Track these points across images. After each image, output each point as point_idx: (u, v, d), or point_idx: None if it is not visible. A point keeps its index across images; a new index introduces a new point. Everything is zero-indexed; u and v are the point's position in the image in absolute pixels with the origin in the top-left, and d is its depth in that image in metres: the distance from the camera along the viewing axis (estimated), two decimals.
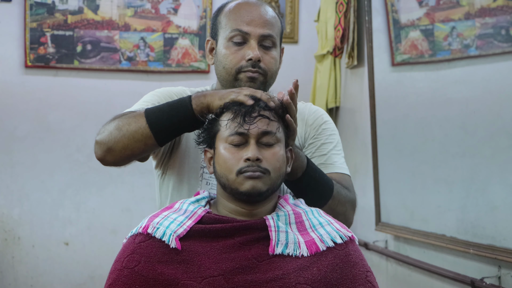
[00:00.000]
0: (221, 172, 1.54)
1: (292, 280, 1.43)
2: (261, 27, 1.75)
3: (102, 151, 1.65)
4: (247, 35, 1.75)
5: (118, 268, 1.48)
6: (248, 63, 1.74)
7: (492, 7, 2.36)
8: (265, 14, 1.78)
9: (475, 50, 2.47)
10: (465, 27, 2.52)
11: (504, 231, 2.30)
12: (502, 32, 2.31)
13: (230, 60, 1.76)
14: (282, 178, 1.56)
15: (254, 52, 1.73)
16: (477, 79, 2.48)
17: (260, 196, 1.52)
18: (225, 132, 1.54)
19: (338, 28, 3.65)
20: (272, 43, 1.77)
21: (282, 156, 1.55)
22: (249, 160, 1.50)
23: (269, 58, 1.76)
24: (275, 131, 1.54)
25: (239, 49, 1.75)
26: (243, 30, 1.75)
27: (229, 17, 1.79)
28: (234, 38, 1.76)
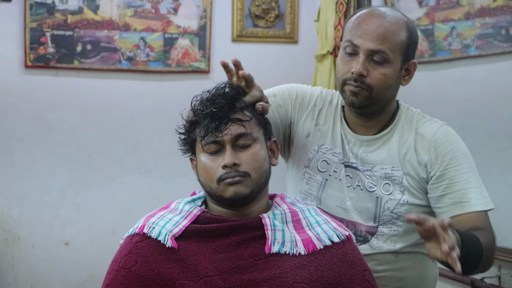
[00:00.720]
0: (203, 181, 1.54)
1: (289, 279, 1.42)
2: (371, 41, 1.70)
3: None
4: (356, 48, 1.72)
5: (115, 268, 1.48)
6: (352, 76, 1.72)
7: (492, 7, 2.36)
8: (381, 27, 1.71)
9: (475, 50, 2.47)
10: (465, 27, 2.52)
11: (504, 231, 2.30)
12: (502, 32, 2.31)
13: (339, 70, 1.76)
14: (266, 175, 1.55)
15: (357, 66, 1.70)
16: (477, 79, 2.48)
17: (246, 199, 1.51)
18: (200, 141, 1.53)
19: (338, 28, 3.65)
20: (383, 58, 1.71)
21: (262, 154, 1.54)
22: (226, 166, 1.49)
23: (377, 74, 1.71)
24: (249, 131, 1.52)
25: (350, 60, 1.74)
26: (354, 42, 1.72)
27: (348, 27, 1.77)
28: (347, 49, 1.74)
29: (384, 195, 1.77)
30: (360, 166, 1.80)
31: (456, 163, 1.75)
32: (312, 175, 1.85)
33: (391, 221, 1.77)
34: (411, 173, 1.77)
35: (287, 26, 4.22)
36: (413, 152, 1.77)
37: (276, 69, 4.11)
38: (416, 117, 1.86)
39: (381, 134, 1.81)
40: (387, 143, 1.81)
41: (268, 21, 4.21)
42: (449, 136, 1.79)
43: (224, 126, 1.50)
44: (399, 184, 1.77)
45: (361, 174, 1.80)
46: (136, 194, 4.04)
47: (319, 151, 1.85)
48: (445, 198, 1.73)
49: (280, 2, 4.20)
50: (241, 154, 1.51)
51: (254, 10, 4.19)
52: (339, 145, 1.83)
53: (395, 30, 1.72)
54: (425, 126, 1.82)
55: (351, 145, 1.82)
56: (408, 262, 1.81)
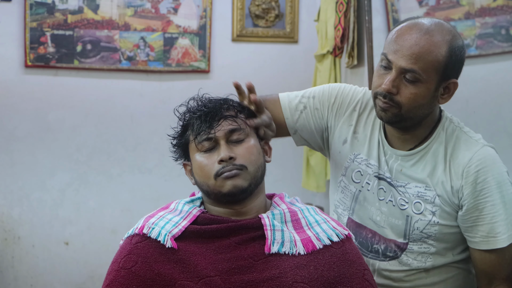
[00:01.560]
0: (200, 181, 1.54)
1: (289, 278, 1.42)
2: (404, 60, 1.65)
3: None
4: (390, 63, 1.68)
5: (116, 269, 1.49)
6: (382, 91, 1.68)
7: (492, 7, 2.36)
8: (417, 46, 1.64)
9: (475, 49, 2.47)
10: (465, 26, 2.52)
11: None
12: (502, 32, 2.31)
13: (374, 81, 1.73)
14: (261, 169, 1.56)
15: (387, 82, 1.66)
16: (477, 79, 2.48)
17: (244, 193, 1.52)
18: (194, 141, 1.54)
19: (338, 28, 3.65)
20: (415, 78, 1.64)
21: (256, 147, 1.55)
22: (223, 161, 1.50)
23: (407, 93, 1.65)
24: (241, 126, 1.54)
25: (383, 74, 1.70)
26: (388, 57, 1.68)
27: (388, 38, 1.72)
28: (382, 62, 1.71)
29: (415, 214, 1.73)
30: (394, 181, 1.76)
31: (487, 195, 1.68)
32: (347, 184, 1.84)
33: (422, 239, 1.73)
34: (444, 196, 1.71)
35: (287, 26, 4.22)
36: (447, 175, 1.72)
37: (276, 69, 4.11)
38: (456, 134, 1.78)
39: (417, 150, 1.75)
40: (423, 160, 1.75)
41: (268, 21, 4.21)
42: (485, 162, 1.71)
43: (217, 123, 1.52)
44: (432, 204, 1.72)
45: (394, 190, 1.76)
46: (136, 194, 4.04)
47: (354, 161, 1.82)
48: (474, 229, 1.70)
49: (280, 2, 4.20)
50: (236, 149, 1.53)
51: (254, 10, 4.19)
52: (375, 157, 1.79)
53: (432, 49, 1.64)
54: (462, 148, 1.74)
55: (387, 157, 1.78)
56: (441, 277, 1.77)
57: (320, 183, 3.84)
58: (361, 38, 3.51)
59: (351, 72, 3.73)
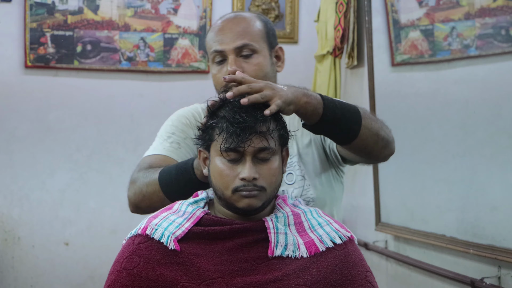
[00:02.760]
0: (216, 186, 1.51)
1: (291, 281, 1.42)
2: (233, 41, 1.79)
3: (132, 208, 1.82)
4: (223, 53, 1.80)
5: (117, 269, 1.48)
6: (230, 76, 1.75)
7: (492, 7, 2.36)
8: (237, 25, 1.82)
9: (475, 50, 2.47)
10: (465, 27, 2.52)
11: (504, 231, 2.30)
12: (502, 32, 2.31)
13: (216, 81, 1.83)
14: (278, 188, 1.54)
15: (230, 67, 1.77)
16: (477, 79, 2.48)
17: (257, 211, 1.51)
18: (220, 144, 1.48)
19: (338, 28, 3.65)
20: (251, 50, 1.80)
21: (278, 169, 1.51)
22: (245, 179, 1.47)
23: (251, 66, 1.79)
24: (272, 145, 1.49)
25: (221, 67, 1.82)
26: (218, 49, 1.81)
27: (208, 41, 1.87)
28: (215, 59, 1.82)
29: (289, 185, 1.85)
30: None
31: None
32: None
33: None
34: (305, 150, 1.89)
35: (287, 26, 4.22)
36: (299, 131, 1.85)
37: None
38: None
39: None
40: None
41: None
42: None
43: (248, 137, 1.45)
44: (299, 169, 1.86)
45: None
46: None
47: None
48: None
49: (280, 2, 4.20)
50: (260, 168, 1.48)
51: (254, 10, 4.19)
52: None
53: (251, 23, 1.83)
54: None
55: None
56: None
57: None
58: (361, 38, 3.51)
59: (351, 73, 3.73)
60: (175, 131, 1.89)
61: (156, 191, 1.72)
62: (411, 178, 2.98)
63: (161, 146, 1.88)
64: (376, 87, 3.24)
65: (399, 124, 3.09)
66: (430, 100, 2.81)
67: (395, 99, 3.13)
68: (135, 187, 1.78)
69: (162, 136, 1.91)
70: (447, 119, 2.67)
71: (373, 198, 3.26)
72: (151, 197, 1.74)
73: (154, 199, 1.73)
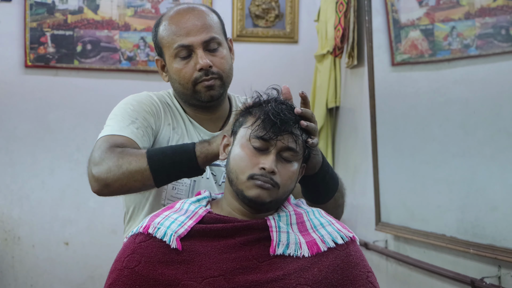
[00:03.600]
0: (233, 168, 1.51)
1: (293, 280, 1.42)
2: (200, 34, 1.77)
3: (99, 187, 1.66)
4: (190, 47, 1.77)
5: (118, 268, 1.48)
6: (201, 73, 1.77)
7: (492, 7, 2.36)
8: (199, 19, 1.79)
9: (475, 50, 2.47)
10: (465, 27, 2.52)
11: (504, 231, 2.30)
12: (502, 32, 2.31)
13: (183, 76, 1.79)
14: (288, 193, 1.55)
15: (202, 61, 1.75)
16: (477, 79, 2.48)
17: (263, 206, 1.50)
18: (251, 130, 1.50)
19: (338, 28, 3.65)
20: (217, 43, 1.79)
21: (296, 174, 1.53)
22: (264, 169, 1.48)
23: (219, 60, 1.79)
24: (298, 150, 1.51)
25: (188, 62, 1.78)
26: (185, 44, 1.77)
27: (168, 35, 1.80)
28: (180, 54, 1.78)
29: None
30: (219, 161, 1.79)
31: None
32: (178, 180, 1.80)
33: None
34: None
35: (287, 26, 4.22)
36: None
37: (276, 69, 4.12)
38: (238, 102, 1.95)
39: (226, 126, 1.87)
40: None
41: (268, 21, 4.21)
42: None
43: (283, 133, 1.48)
44: None
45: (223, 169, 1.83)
46: None
47: None
48: None
49: (280, 2, 4.20)
50: (281, 166, 1.50)
51: (254, 10, 4.19)
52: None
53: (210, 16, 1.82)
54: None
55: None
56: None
57: None
58: (361, 38, 3.51)
59: (351, 72, 3.74)
60: (138, 117, 1.77)
61: (142, 170, 1.61)
62: (411, 178, 2.98)
63: (128, 129, 1.73)
64: (376, 87, 3.24)
65: (399, 124, 3.09)
66: (430, 100, 2.81)
67: (395, 99, 3.13)
68: (110, 164, 1.63)
69: (124, 119, 1.76)
70: (447, 119, 2.67)
71: (373, 198, 3.26)
72: (133, 175, 1.61)
73: (135, 178, 1.61)
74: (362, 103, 3.53)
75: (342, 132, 3.84)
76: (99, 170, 1.65)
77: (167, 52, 1.81)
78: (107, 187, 1.65)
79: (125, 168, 1.61)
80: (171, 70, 1.81)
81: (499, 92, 2.32)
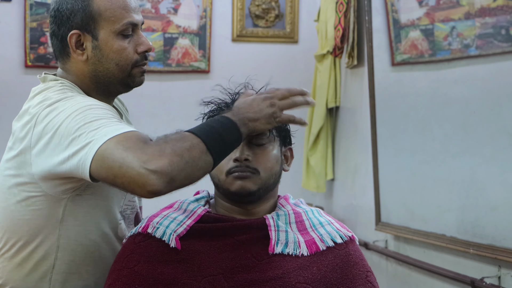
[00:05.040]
0: (213, 172, 1.52)
1: (292, 279, 1.43)
2: (140, 14, 1.64)
3: (165, 183, 1.32)
4: (135, 26, 1.61)
5: (118, 268, 1.49)
6: (141, 56, 1.61)
7: (492, 7, 2.36)
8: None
9: (475, 50, 2.47)
10: (465, 27, 2.52)
11: (504, 231, 2.30)
12: (502, 32, 2.31)
13: (125, 56, 1.59)
14: (275, 177, 1.54)
15: (147, 42, 1.61)
16: (477, 79, 2.48)
17: (251, 196, 1.51)
18: None
19: (338, 28, 3.65)
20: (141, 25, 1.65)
21: (275, 155, 1.53)
22: (238, 160, 1.49)
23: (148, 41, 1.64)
24: (267, 131, 1.52)
25: (129, 41, 1.59)
26: (134, 21, 1.59)
27: (112, 7, 1.58)
28: (125, 31, 1.58)
29: None
30: None
31: None
32: None
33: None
34: None
35: (287, 26, 4.22)
36: None
37: (276, 69, 4.11)
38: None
39: None
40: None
41: (268, 21, 4.21)
42: None
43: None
44: None
45: None
46: None
47: None
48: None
49: (280, 2, 4.20)
50: (255, 152, 1.51)
51: (254, 10, 4.19)
52: None
53: None
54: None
55: None
56: None
57: (320, 183, 3.84)
58: (361, 38, 3.51)
59: (351, 72, 3.74)
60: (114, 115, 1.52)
61: (203, 154, 1.35)
62: (411, 178, 2.98)
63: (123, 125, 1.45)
64: (376, 87, 3.24)
65: (399, 124, 3.09)
66: (430, 100, 2.81)
67: (395, 99, 3.13)
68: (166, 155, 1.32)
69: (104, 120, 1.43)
70: (447, 119, 2.67)
71: (373, 198, 3.26)
72: (196, 163, 1.34)
73: (199, 165, 1.35)
74: (362, 103, 3.53)
75: (342, 132, 3.84)
76: (160, 164, 1.31)
77: (105, 27, 1.57)
78: (171, 182, 1.33)
79: (187, 156, 1.34)
80: (108, 48, 1.57)
81: (499, 92, 2.32)
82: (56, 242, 1.55)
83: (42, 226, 1.55)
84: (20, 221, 1.55)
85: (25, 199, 1.54)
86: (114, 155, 1.34)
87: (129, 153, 1.34)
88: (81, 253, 1.57)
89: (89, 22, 1.58)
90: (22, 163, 1.53)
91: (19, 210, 1.55)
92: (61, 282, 1.57)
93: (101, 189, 1.57)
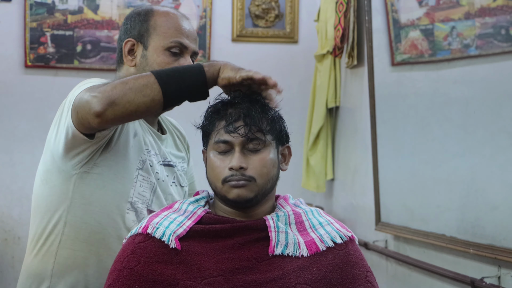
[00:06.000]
0: (210, 179, 1.53)
1: (292, 280, 1.43)
2: (195, 43, 1.83)
3: (103, 105, 1.49)
4: (184, 49, 1.79)
5: (118, 268, 1.48)
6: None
7: (492, 7, 2.36)
8: (194, 30, 1.86)
9: (475, 50, 2.47)
10: (465, 27, 2.52)
11: (504, 231, 2.30)
12: (502, 32, 2.31)
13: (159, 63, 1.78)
14: (272, 181, 1.53)
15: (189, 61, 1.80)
16: (477, 79, 2.48)
17: (249, 203, 1.50)
18: (213, 137, 1.52)
19: (338, 28, 3.65)
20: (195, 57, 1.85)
21: (271, 160, 1.52)
22: (233, 169, 1.49)
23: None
24: (261, 137, 1.50)
25: (175, 60, 1.78)
26: (184, 43, 1.79)
27: (167, 26, 1.79)
28: (173, 49, 1.78)
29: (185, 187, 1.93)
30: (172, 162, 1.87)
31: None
32: (146, 176, 1.78)
33: None
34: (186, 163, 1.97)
35: (287, 26, 4.22)
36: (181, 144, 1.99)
37: (276, 69, 4.12)
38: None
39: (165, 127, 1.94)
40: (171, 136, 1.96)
41: (268, 21, 4.21)
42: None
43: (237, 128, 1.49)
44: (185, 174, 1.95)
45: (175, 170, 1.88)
46: None
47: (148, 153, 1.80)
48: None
49: (280, 2, 4.20)
50: (250, 158, 1.50)
51: (254, 10, 4.19)
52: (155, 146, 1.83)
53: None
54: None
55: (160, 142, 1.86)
56: None
57: (320, 183, 3.84)
58: (361, 38, 3.51)
59: (351, 72, 3.74)
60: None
61: (151, 83, 1.51)
62: (411, 178, 2.98)
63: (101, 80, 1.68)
64: (376, 87, 3.24)
65: (399, 124, 3.09)
66: (430, 100, 2.81)
67: (395, 99, 3.13)
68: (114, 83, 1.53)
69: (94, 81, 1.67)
70: (447, 119, 2.67)
71: (373, 198, 3.26)
72: (140, 89, 1.50)
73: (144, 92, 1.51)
74: (362, 103, 3.53)
75: (342, 132, 3.84)
76: (103, 89, 1.51)
77: (156, 40, 1.77)
78: (112, 105, 1.50)
79: (132, 83, 1.51)
80: (153, 59, 1.77)
81: (499, 92, 2.32)
82: (64, 218, 1.72)
83: (56, 202, 1.73)
84: (41, 199, 1.77)
85: (45, 177, 1.77)
86: (81, 97, 1.56)
87: (87, 91, 1.55)
88: (85, 231, 1.71)
89: (144, 33, 1.79)
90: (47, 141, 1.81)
91: (42, 189, 1.77)
92: (65, 258, 1.72)
93: (108, 170, 1.72)
